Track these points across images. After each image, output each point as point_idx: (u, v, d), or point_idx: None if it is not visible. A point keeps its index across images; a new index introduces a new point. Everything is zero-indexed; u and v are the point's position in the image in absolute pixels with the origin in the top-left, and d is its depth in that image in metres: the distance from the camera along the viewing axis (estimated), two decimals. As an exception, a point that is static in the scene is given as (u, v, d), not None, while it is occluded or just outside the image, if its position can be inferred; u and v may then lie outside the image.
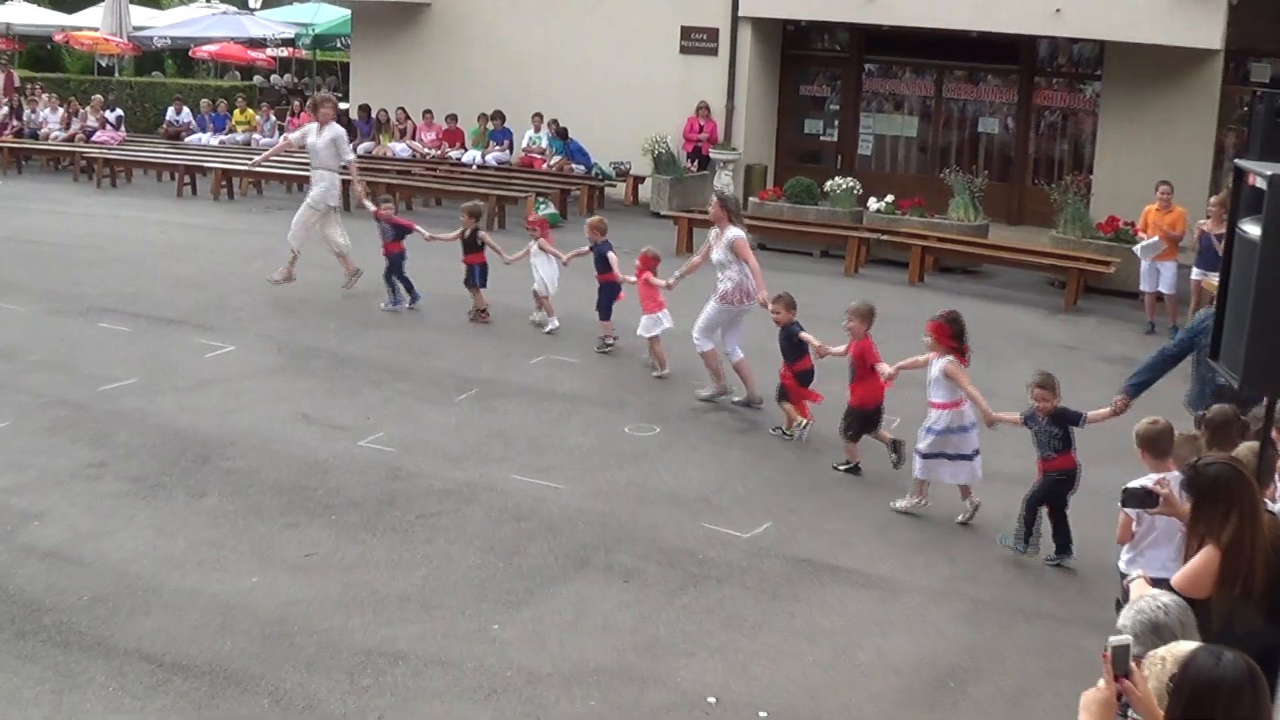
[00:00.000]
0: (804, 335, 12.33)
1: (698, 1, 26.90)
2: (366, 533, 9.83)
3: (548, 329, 15.88)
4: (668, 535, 9.98)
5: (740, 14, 26.39)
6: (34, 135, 32.07)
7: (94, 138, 31.17)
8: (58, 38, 42.66)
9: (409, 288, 16.72)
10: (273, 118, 32.13)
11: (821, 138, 28.33)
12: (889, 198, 22.72)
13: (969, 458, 10.69)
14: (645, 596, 8.96)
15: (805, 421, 12.43)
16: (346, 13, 33.99)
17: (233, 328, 15.60)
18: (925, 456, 10.71)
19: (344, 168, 17.24)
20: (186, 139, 32.36)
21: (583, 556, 9.56)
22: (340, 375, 13.87)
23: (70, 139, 31.42)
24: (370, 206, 17.09)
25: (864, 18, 25.13)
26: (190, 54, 42.83)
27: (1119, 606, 6.04)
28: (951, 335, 10.69)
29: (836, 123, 28.05)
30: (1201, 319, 10.31)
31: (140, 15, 42.57)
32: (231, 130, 32.42)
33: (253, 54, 41.40)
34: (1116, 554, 8.10)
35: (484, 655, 8.05)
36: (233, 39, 40.65)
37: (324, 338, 15.30)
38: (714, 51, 26.95)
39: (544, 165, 27.31)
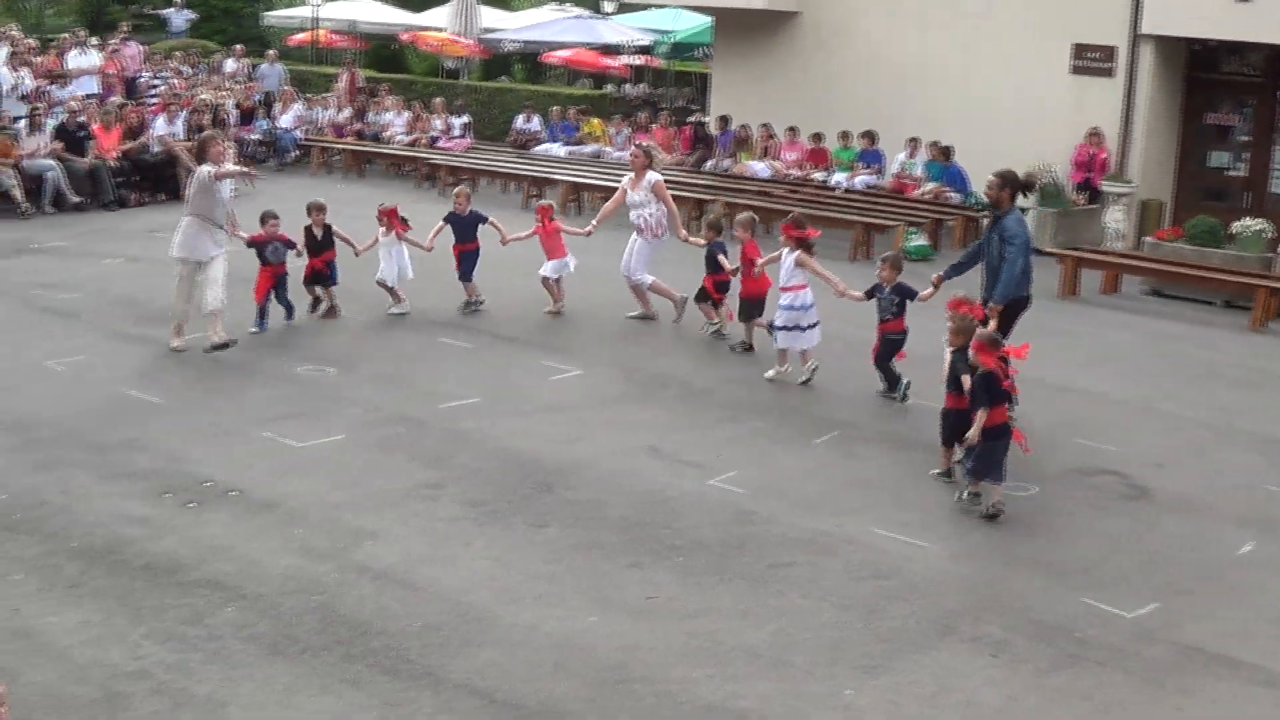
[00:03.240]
0: (721, 258, 16.61)
1: (1094, 17, 26.30)
2: (714, 579, 9.89)
3: (397, 311, 17.34)
4: (1041, 607, 9.75)
5: (1141, 31, 25.77)
6: (375, 138, 33.34)
7: (439, 144, 32.24)
8: (404, 37, 44.22)
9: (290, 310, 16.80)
10: (626, 130, 32.64)
11: (1228, 172, 27.40)
12: (1305, 243, 21.91)
13: (812, 328, 14.89)
14: (1014, 674, 8.78)
15: (717, 322, 16.82)
16: (708, 20, 34.38)
17: (579, 351, 15.95)
18: (783, 329, 14.93)
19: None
20: (534, 149, 33.16)
21: (947, 623, 9.43)
22: (691, 408, 14.04)
23: (413, 143, 32.57)
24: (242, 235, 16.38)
25: (1286, 38, 24.32)
26: (540, 59, 43.84)
27: None
28: (800, 233, 15.09)
29: (1246, 156, 27.17)
30: None
31: (489, 16, 43.70)
32: (580, 141, 33.07)
33: (606, 61, 42.12)
34: None
35: (835, 723, 8.02)
36: (586, 45, 41.41)
37: (674, 367, 15.53)
38: (1109, 72, 26.36)
39: (916, 191, 27.13)
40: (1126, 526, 11.50)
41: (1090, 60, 26.48)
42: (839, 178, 28.15)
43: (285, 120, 32.29)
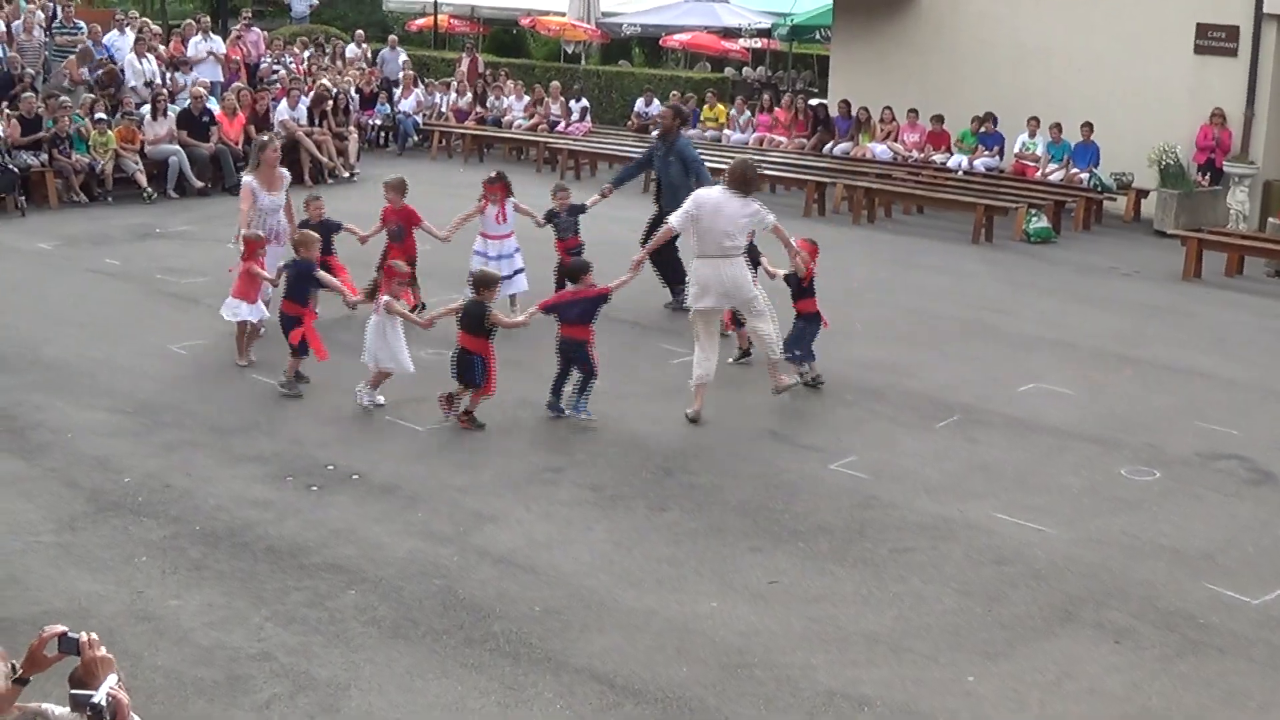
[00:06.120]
0: (349, 225, 15.91)
1: (1217, -6, 25.96)
2: (834, 564, 9.87)
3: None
4: (1165, 594, 9.62)
5: (1265, 10, 25.27)
6: (496, 123, 33.48)
7: (559, 128, 32.32)
8: (524, 22, 44.35)
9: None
10: (747, 112, 32.56)
11: (1354, 153, 26.94)
12: None
13: (514, 275, 16.00)
14: (1137, 660, 8.67)
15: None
16: (828, 3, 34.22)
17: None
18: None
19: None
20: (654, 132, 33.02)
21: (1069, 610, 9.33)
22: (811, 392, 14.00)
23: (533, 128, 32.69)
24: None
25: None
26: (660, 43, 43.81)
27: None
28: (501, 185, 16.23)
29: (1373, 137, 26.63)
30: None
31: (609, 0, 43.78)
32: (701, 125, 32.91)
33: (725, 44, 42.02)
34: None
35: (957, 709, 7.96)
36: (705, 28, 41.34)
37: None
38: (1233, 52, 25.88)
39: (1038, 174, 26.87)
40: (1250, 512, 11.32)
41: (1213, 40, 26.01)
42: (957, 159, 27.94)
43: (406, 105, 32.55)
